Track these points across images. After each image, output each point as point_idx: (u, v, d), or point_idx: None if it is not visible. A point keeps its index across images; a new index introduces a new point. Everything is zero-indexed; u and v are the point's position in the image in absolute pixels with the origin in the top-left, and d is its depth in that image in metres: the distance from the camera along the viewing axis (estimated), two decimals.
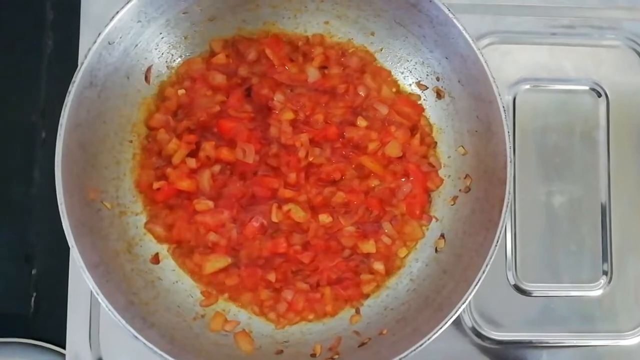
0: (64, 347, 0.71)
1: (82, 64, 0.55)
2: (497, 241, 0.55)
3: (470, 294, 0.55)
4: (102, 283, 0.55)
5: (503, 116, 0.56)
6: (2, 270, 0.75)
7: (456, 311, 0.55)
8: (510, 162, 0.56)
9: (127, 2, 0.56)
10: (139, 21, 0.59)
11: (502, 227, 0.56)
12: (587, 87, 0.75)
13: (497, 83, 0.58)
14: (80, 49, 0.70)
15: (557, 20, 0.75)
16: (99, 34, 0.56)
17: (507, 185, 0.55)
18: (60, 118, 0.55)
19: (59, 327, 0.70)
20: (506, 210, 0.55)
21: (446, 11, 0.57)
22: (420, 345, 0.54)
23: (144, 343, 0.53)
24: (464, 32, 0.56)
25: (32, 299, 0.74)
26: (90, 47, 0.55)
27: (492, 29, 0.74)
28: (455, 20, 0.57)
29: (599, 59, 0.75)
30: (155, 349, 0.53)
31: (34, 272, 0.75)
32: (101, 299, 0.54)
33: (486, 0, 0.74)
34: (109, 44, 0.57)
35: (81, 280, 0.67)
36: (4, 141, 0.76)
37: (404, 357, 0.54)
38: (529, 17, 0.75)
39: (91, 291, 0.67)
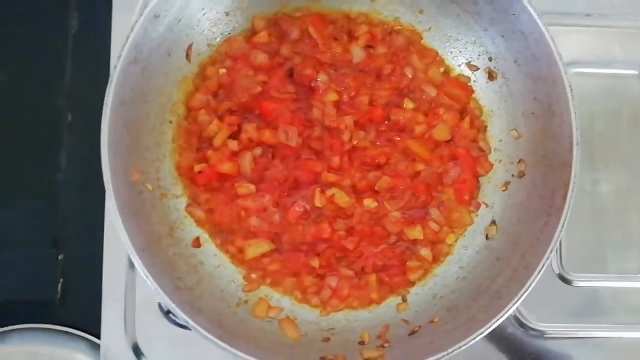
0: (91, 334, 0.70)
1: (129, 37, 0.53)
2: (563, 226, 0.53)
3: (534, 280, 0.53)
4: (149, 267, 0.53)
5: (570, 96, 0.54)
6: (29, 256, 0.73)
7: (519, 298, 0.53)
8: (577, 144, 0.54)
9: None
10: None
11: (567, 211, 0.54)
12: (636, 72, 0.72)
13: None
14: (114, 25, 0.68)
15: (605, 2, 0.72)
16: (147, 7, 0.54)
17: (573, 168, 0.53)
18: (106, 96, 0.54)
19: (87, 314, 0.69)
20: (572, 195, 0.53)
21: None
22: (481, 334, 0.53)
23: (195, 328, 0.51)
24: (528, 6, 0.54)
25: (59, 285, 0.73)
26: (137, 20, 0.54)
27: (539, 11, 0.71)
28: None
29: None
30: (207, 334, 0.51)
31: (60, 257, 0.73)
32: (150, 282, 0.52)
33: None
34: (155, 17, 0.55)
35: (116, 265, 0.66)
36: (30, 125, 0.75)
37: (464, 346, 0.52)
38: None
39: (126, 276, 0.66)
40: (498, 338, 0.68)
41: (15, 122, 0.75)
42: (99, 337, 0.68)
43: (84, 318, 0.70)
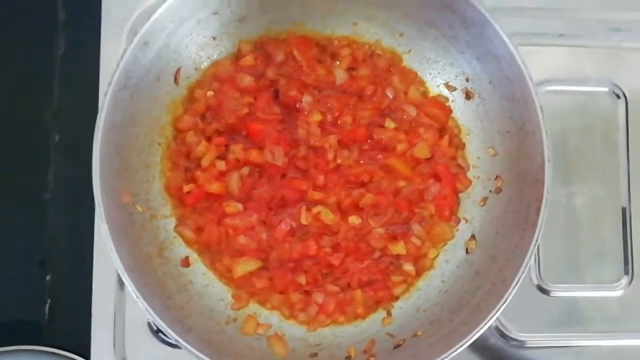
0: (79, 354, 0.70)
1: (119, 65, 0.55)
2: (537, 240, 0.56)
3: (510, 293, 0.55)
4: (139, 287, 0.54)
5: (540, 116, 0.57)
6: (16, 276, 0.74)
7: (497, 311, 0.55)
8: (549, 161, 0.56)
9: (164, 2, 0.56)
10: (173, 21, 0.59)
11: (541, 226, 0.56)
12: (606, 89, 0.75)
13: None
14: (102, 50, 0.70)
15: (577, 22, 0.75)
16: (136, 34, 0.55)
17: (545, 184, 0.56)
18: (97, 121, 0.55)
19: (75, 334, 0.70)
20: (545, 210, 0.56)
21: (482, 11, 0.57)
22: (461, 346, 0.55)
23: (186, 347, 0.53)
24: (500, 31, 0.57)
25: (47, 306, 0.73)
26: (127, 48, 0.55)
27: (513, 31, 0.74)
28: (492, 20, 0.57)
29: (619, 61, 0.76)
30: (197, 353, 0.53)
31: (48, 278, 0.74)
32: (141, 302, 0.53)
33: (505, 2, 0.74)
34: (144, 44, 0.57)
35: (105, 286, 0.67)
36: (17, 144, 0.76)
37: (445, 358, 0.54)
38: (547, 19, 0.75)
39: (115, 296, 0.67)
40: (481, 349, 0.70)
41: (3, 141, 0.76)
42: (86, 358, 0.69)
43: (72, 339, 0.71)
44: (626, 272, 0.73)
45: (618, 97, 0.75)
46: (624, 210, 0.74)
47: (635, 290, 0.73)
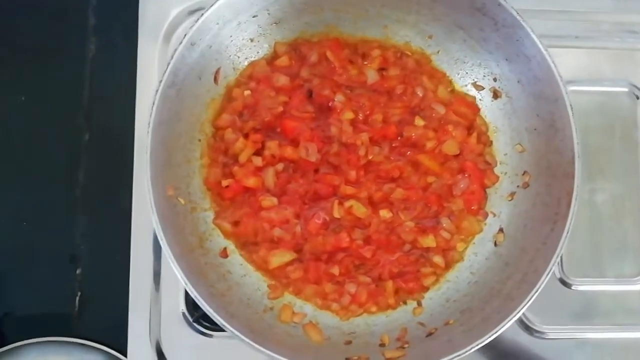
0: (107, 345, 0.72)
1: (169, 64, 0.58)
2: (568, 232, 0.58)
3: (542, 282, 0.57)
4: (187, 274, 0.57)
5: (570, 113, 0.59)
6: (47, 270, 0.76)
7: (530, 299, 0.57)
8: (579, 156, 0.59)
9: (212, 5, 0.59)
10: (217, 23, 0.62)
11: (572, 217, 0.58)
12: (625, 89, 0.78)
13: None
14: (139, 51, 0.73)
15: (592, 25, 0.78)
16: (185, 35, 0.58)
17: (575, 178, 0.58)
18: (149, 117, 0.58)
19: (103, 326, 0.72)
20: (575, 202, 0.58)
21: (514, 13, 0.59)
22: (495, 333, 0.57)
23: (232, 332, 0.55)
24: (531, 33, 0.59)
25: (77, 299, 0.75)
26: (176, 48, 0.58)
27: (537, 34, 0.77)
28: (523, 22, 0.59)
29: (636, 63, 0.78)
30: (243, 337, 0.55)
31: (78, 271, 0.76)
32: (189, 289, 0.56)
33: (528, 5, 0.76)
34: (192, 45, 0.59)
35: (141, 280, 0.69)
36: (49, 143, 0.78)
37: (481, 343, 0.56)
38: (562, 22, 0.77)
39: (151, 291, 0.69)
40: (504, 340, 0.72)
41: (35, 141, 0.78)
42: (114, 349, 0.71)
43: (100, 331, 0.73)
44: None
45: (637, 97, 0.77)
46: None
47: None
